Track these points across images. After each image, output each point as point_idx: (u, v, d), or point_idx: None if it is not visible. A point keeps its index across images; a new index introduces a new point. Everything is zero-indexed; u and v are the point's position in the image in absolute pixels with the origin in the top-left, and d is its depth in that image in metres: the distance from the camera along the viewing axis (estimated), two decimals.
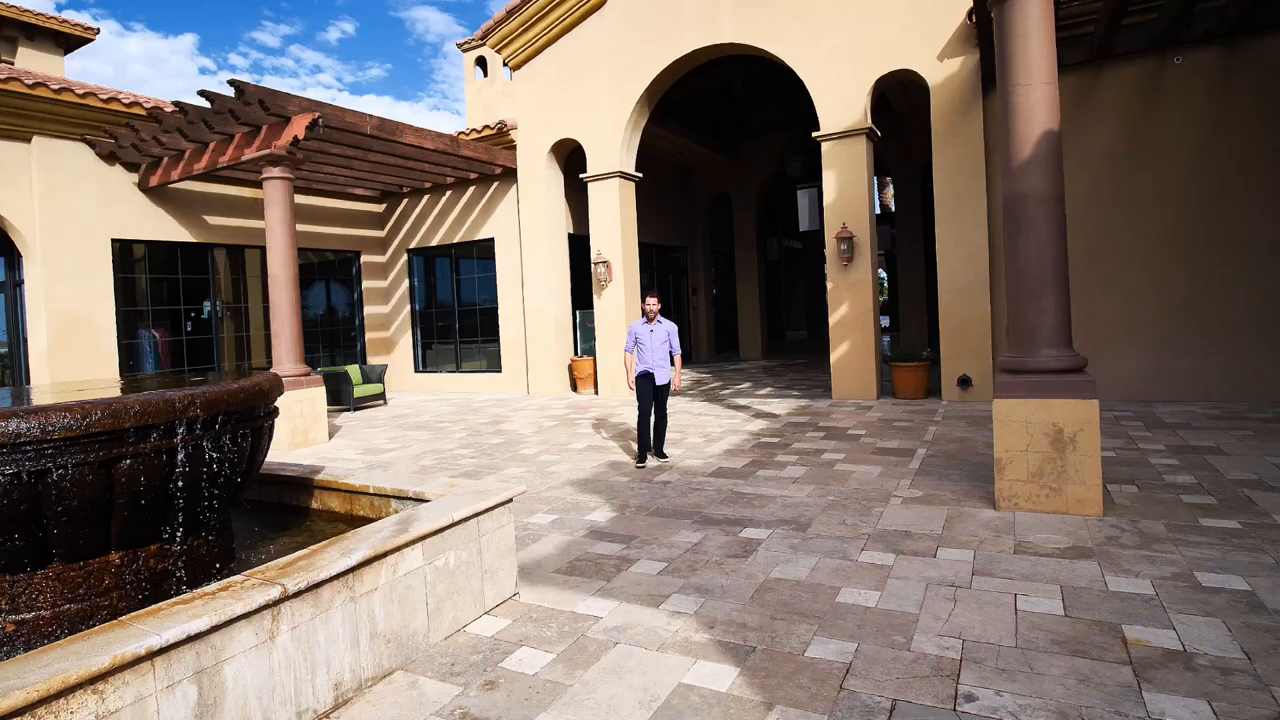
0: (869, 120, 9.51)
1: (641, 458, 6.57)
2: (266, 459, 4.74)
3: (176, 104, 8.87)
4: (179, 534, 3.09)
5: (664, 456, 6.83)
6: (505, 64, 12.47)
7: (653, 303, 6.76)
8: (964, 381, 9.03)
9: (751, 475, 6.04)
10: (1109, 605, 3.23)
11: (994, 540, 4.14)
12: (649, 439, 6.65)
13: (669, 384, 6.78)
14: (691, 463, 6.64)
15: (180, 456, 2.92)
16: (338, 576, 2.79)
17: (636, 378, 6.69)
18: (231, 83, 8.24)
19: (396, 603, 3.07)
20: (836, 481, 5.68)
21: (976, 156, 8.91)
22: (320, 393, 9.00)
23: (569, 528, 4.87)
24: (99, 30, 16.58)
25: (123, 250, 10.60)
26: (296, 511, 4.40)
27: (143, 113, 9.90)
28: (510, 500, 3.76)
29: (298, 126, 8.66)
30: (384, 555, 3.01)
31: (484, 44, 17.22)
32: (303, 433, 8.70)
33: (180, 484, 2.95)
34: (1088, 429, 4.42)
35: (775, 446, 7.14)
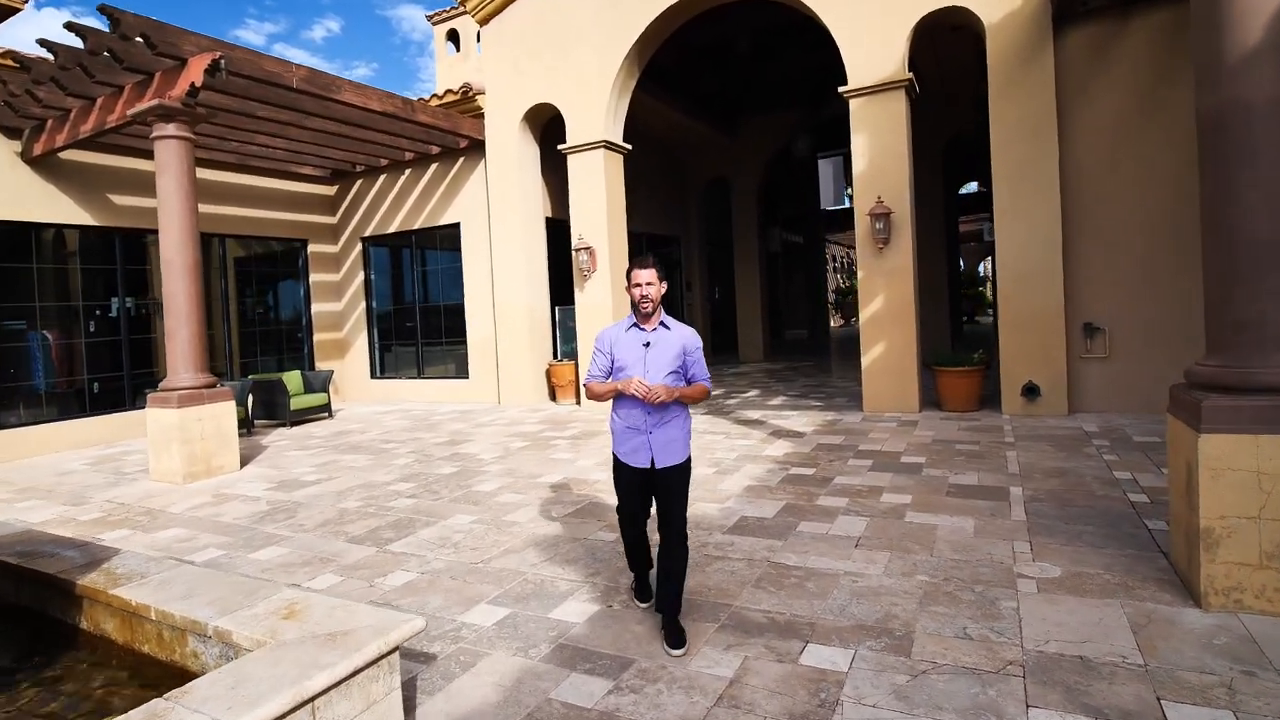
0: (908, 71, 7.79)
1: (640, 590, 3.41)
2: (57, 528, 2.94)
3: (42, 43, 6.99)
4: None
5: (676, 612, 3.05)
6: (472, 18, 10.66)
7: (648, 279, 3.04)
8: (1030, 391, 7.33)
9: (791, 532, 4.28)
10: None
11: (1249, 685, 2.41)
12: (645, 565, 3.42)
13: (683, 467, 3.09)
14: (703, 508, 4.87)
15: None
16: None
17: (616, 461, 3.20)
18: (103, 9, 6.39)
19: None
20: (918, 545, 3.94)
21: (1045, 111, 7.20)
22: (228, 408, 7.14)
23: (524, 638, 3.09)
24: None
25: (2, 234, 8.69)
26: (58, 633, 2.60)
27: (13, 64, 8.00)
28: (394, 650, 1.98)
29: (195, 71, 6.81)
30: None
31: (454, 12, 15.41)
32: (204, 460, 6.84)
33: None
34: None
35: (812, 482, 5.39)
